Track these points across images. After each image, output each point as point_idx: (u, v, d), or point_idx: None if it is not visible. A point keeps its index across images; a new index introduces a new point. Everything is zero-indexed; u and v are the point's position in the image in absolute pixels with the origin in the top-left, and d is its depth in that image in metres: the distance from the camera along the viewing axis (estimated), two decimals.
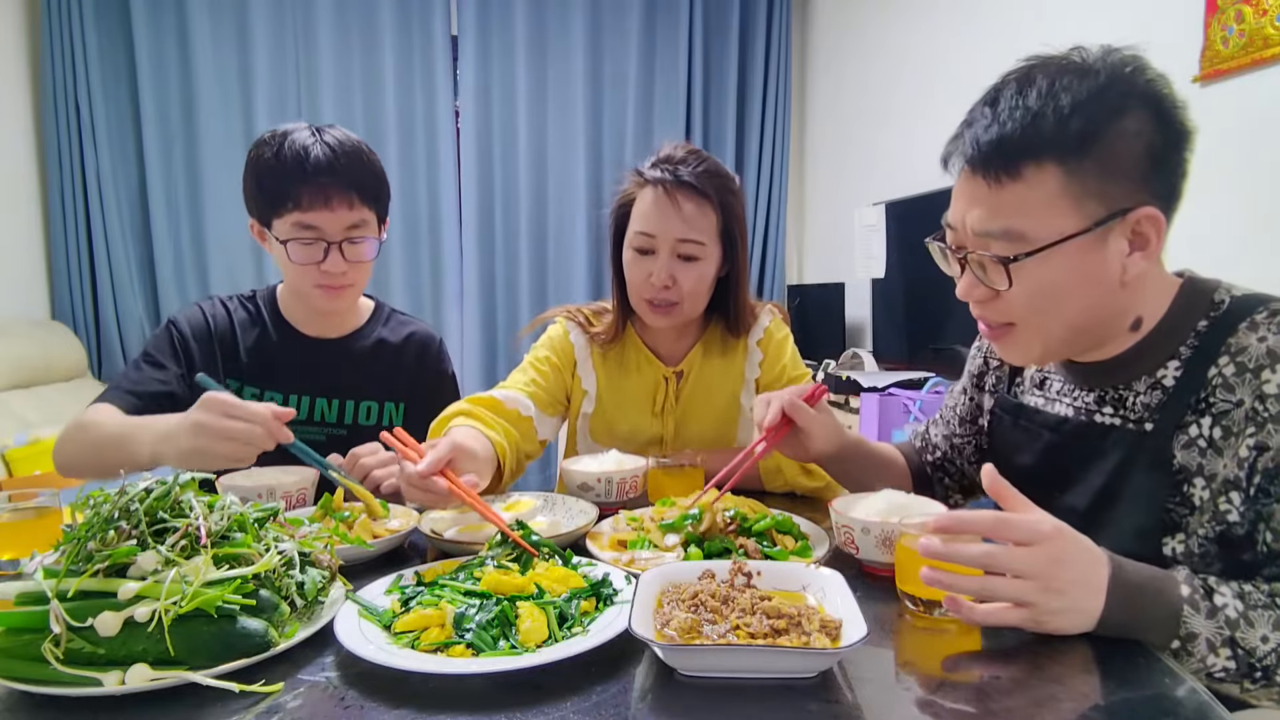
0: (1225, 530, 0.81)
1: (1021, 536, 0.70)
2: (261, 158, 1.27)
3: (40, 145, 3.46)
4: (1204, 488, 0.82)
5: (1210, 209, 1.98)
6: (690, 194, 1.28)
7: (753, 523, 0.94)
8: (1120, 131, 0.78)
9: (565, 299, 3.98)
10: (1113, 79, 0.79)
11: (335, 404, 1.39)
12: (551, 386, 1.40)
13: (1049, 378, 1.01)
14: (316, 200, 1.25)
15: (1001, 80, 0.84)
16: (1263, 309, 0.82)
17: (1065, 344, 0.89)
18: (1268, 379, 0.78)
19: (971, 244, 0.85)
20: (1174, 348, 0.86)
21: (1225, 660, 0.70)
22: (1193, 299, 0.87)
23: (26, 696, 0.61)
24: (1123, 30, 2.21)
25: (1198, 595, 0.72)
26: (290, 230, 1.27)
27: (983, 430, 1.13)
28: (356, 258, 1.31)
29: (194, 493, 0.75)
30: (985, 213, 0.82)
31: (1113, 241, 0.80)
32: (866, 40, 3.72)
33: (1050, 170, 0.78)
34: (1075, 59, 0.81)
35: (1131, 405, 0.89)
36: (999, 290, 0.84)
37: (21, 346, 3.03)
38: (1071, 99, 0.78)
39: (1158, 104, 0.79)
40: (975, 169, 0.82)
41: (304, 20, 3.69)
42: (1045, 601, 0.69)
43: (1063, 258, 0.80)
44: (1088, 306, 0.84)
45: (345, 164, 1.27)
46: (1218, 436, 0.81)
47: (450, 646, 0.67)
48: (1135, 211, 0.79)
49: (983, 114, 0.83)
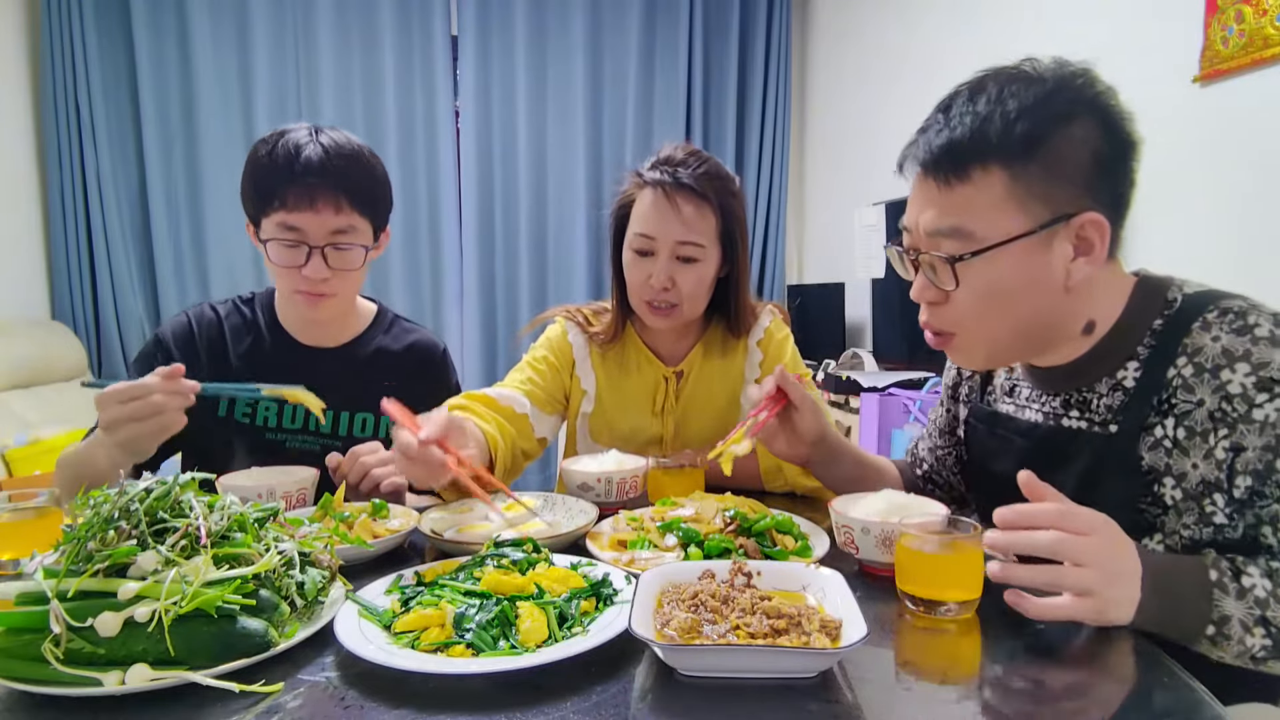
0: (1216, 532, 0.82)
1: (1082, 526, 0.71)
2: (256, 155, 1.24)
3: (40, 145, 3.46)
4: (1174, 487, 0.84)
5: (1210, 209, 1.98)
6: (690, 196, 1.28)
7: (753, 523, 0.94)
8: (1065, 137, 0.81)
9: (565, 299, 3.98)
10: (1059, 86, 0.82)
11: (330, 415, 1.35)
12: (549, 385, 1.40)
13: (1017, 385, 1.03)
14: (302, 200, 1.20)
15: (955, 89, 0.87)
16: (1213, 307, 0.84)
17: (1011, 349, 0.91)
18: (1228, 379, 0.80)
19: (924, 245, 0.88)
20: (1131, 348, 0.88)
21: (1261, 639, 0.72)
22: (1147, 298, 0.89)
23: (26, 696, 0.61)
24: (1123, 30, 2.22)
25: (1226, 578, 0.74)
26: (273, 230, 1.22)
27: (961, 441, 1.15)
28: (340, 265, 1.25)
29: (194, 493, 0.75)
30: (936, 213, 0.85)
31: (1057, 246, 0.83)
32: (866, 40, 3.72)
33: (996, 173, 0.81)
34: (1026, 69, 0.85)
35: (1095, 408, 0.90)
36: (948, 291, 0.86)
37: (21, 346, 3.03)
38: (1018, 104, 0.81)
39: (1104, 113, 0.83)
40: (927, 172, 0.86)
41: (304, 20, 3.69)
42: (1105, 590, 0.70)
43: (1008, 259, 0.83)
44: (1033, 311, 0.86)
45: (337, 165, 1.22)
46: (1182, 437, 0.83)
47: (450, 646, 0.67)
48: (1079, 216, 0.82)
49: (935, 120, 0.86)
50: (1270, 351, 0.78)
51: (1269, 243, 1.84)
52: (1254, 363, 0.79)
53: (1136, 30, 2.18)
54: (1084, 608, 0.70)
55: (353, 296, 1.38)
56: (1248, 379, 0.79)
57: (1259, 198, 1.86)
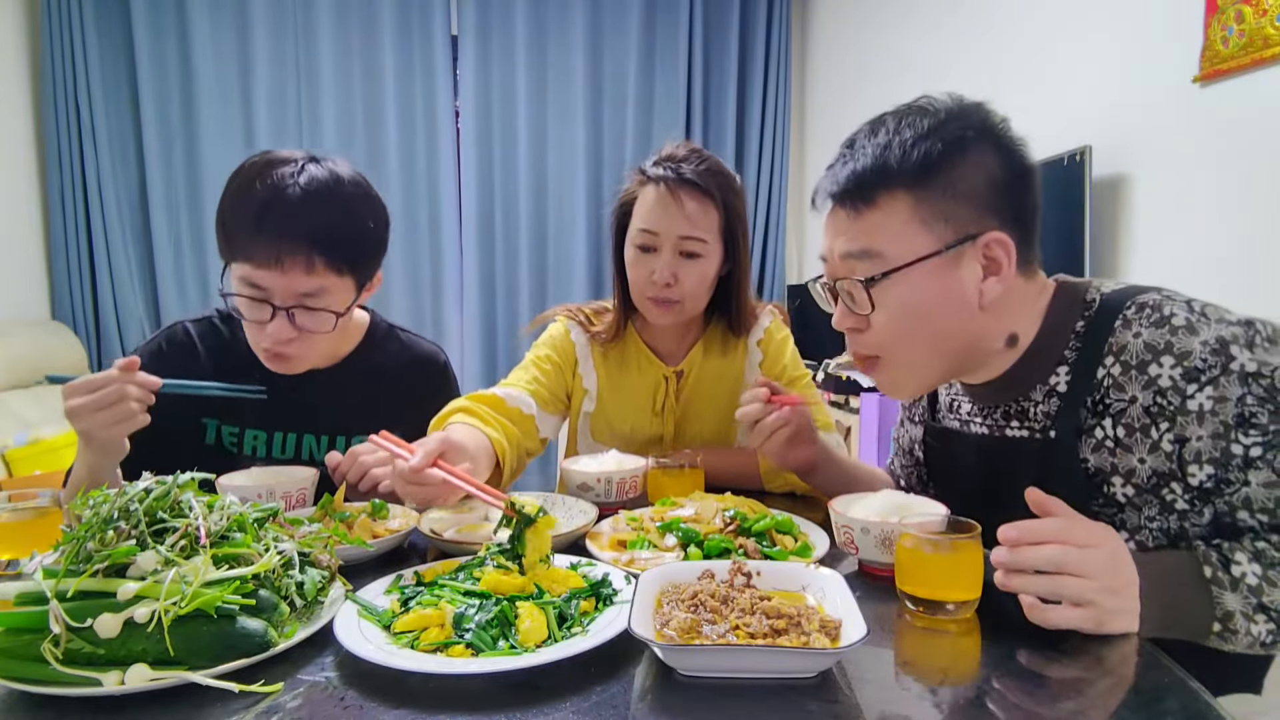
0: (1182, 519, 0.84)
1: (1085, 539, 0.72)
2: (232, 186, 1.13)
3: (40, 145, 3.46)
4: (1124, 485, 0.85)
5: (1210, 209, 1.98)
6: (693, 191, 1.28)
7: (753, 523, 0.94)
8: (961, 161, 0.85)
9: (565, 299, 3.98)
10: (951, 116, 0.87)
11: (324, 440, 1.28)
12: (553, 384, 1.40)
13: (958, 400, 1.05)
14: (268, 257, 1.08)
15: (858, 128, 0.93)
16: (1130, 303, 0.86)
17: (934, 369, 0.93)
18: (1157, 373, 0.82)
19: (840, 271, 0.92)
20: (1059, 353, 0.90)
21: (1265, 624, 0.74)
22: (1067, 302, 0.91)
23: (26, 696, 0.61)
24: (1123, 31, 2.22)
25: (1219, 571, 0.75)
26: (238, 284, 1.12)
27: (919, 461, 1.16)
28: (309, 327, 1.13)
29: (194, 493, 0.75)
30: (848, 239, 0.90)
31: (966, 266, 0.86)
32: (866, 40, 3.72)
33: (900, 196, 0.86)
34: (922, 103, 0.90)
35: (1034, 415, 0.92)
36: (866, 316, 0.90)
37: (21, 346, 3.03)
38: (913, 133, 0.86)
39: (997, 139, 0.87)
40: (838, 202, 0.91)
41: (304, 20, 3.69)
42: (1105, 601, 0.71)
43: (920, 278, 0.87)
44: (950, 331, 0.89)
45: (316, 219, 1.09)
46: (1122, 435, 0.85)
47: (450, 646, 0.67)
48: (984, 236, 0.85)
49: (842, 155, 0.92)
50: (1189, 340, 0.81)
51: (1269, 243, 1.84)
52: (1176, 353, 0.81)
53: (1136, 30, 2.18)
54: (1082, 617, 0.71)
55: (320, 354, 1.24)
56: (1174, 370, 0.81)
57: (1259, 198, 1.86)
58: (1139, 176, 2.18)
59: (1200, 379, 0.80)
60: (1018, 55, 2.68)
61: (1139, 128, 2.16)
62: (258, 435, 1.27)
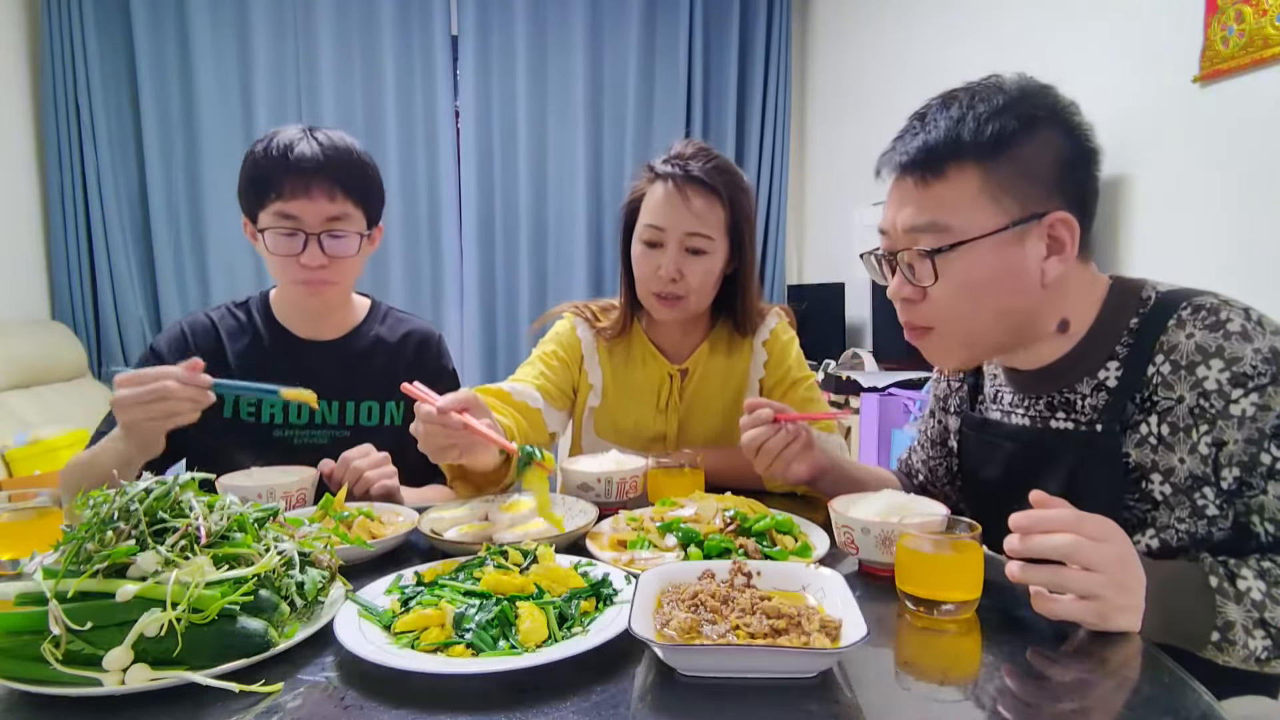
0: (1210, 524, 0.84)
1: (1097, 533, 0.73)
2: (253, 153, 1.28)
3: (40, 145, 3.46)
4: (1162, 483, 0.86)
5: (1210, 209, 1.98)
6: (699, 189, 1.29)
7: (753, 523, 0.94)
8: (1032, 139, 0.86)
9: (565, 298, 3.95)
10: (1024, 94, 0.88)
11: (335, 406, 1.37)
12: (559, 380, 1.41)
13: (1001, 391, 1.04)
14: (297, 189, 1.24)
15: (929, 101, 0.93)
16: (1185, 304, 0.86)
17: (986, 343, 0.94)
18: (1204, 375, 0.82)
19: (902, 243, 0.92)
20: (1110, 347, 0.91)
21: (1262, 640, 0.74)
22: (1122, 298, 0.92)
23: (26, 696, 0.61)
24: (1123, 30, 2.22)
25: (1225, 583, 0.76)
26: (270, 219, 1.26)
27: (952, 452, 1.16)
28: (336, 253, 1.29)
29: (194, 493, 0.75)
30: (915, 210, 0.89)
31: (1030, 244, 0.87)
32: (866, 40, 3.72)
33: (970, 170, 0.86)
34: (994, 81, 0.91)
35: (1080, 408, 0.93)
36: (925, 287, 0.90)
37: (21, 346, 3.02)
38: (988, 108, 0.87)
39: (1066, 121, 0.88)
40: (905, 173, 0.91)
41: (304, 20, 3.69)
42: (1111, 596, 0.71)
43: (984, 252, 0.87)
44: (1008, 305, 0.89)
45: (330, 158, 1.27)
46: (1166, 434, 0.85)
47: (450, 646, 0.67)
48: (1050, 215, 0.86)
49: (911, 127, 0.92)
50: (1242, 346, 0.81)
51: (1269, 242, 1.84)
52: (1227, 358, 0.81)
53: (1136, 30, 2.18)
54: (1086, 610, 0.71)
55: (350, 287, 1.41)
56: (1222, 375, 0.81)
57: (1259, 197, 1.86)
58: (1139, 176, 2.18)
59: (1247, 385, 0.80)
60: (1018, 55, 2.68)
61: (1139, 128, 2.16)
62: (275, 405, 1.35)
